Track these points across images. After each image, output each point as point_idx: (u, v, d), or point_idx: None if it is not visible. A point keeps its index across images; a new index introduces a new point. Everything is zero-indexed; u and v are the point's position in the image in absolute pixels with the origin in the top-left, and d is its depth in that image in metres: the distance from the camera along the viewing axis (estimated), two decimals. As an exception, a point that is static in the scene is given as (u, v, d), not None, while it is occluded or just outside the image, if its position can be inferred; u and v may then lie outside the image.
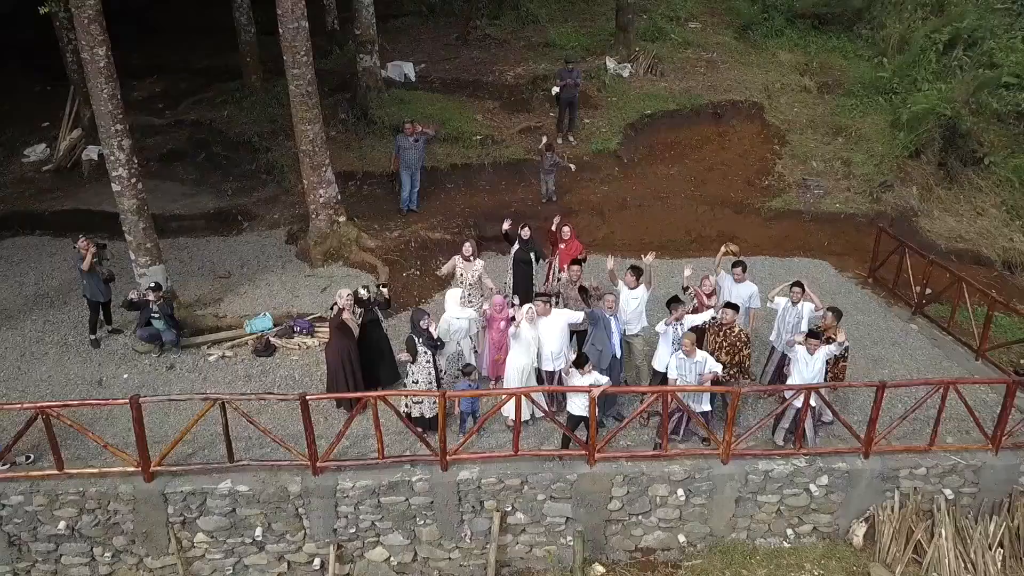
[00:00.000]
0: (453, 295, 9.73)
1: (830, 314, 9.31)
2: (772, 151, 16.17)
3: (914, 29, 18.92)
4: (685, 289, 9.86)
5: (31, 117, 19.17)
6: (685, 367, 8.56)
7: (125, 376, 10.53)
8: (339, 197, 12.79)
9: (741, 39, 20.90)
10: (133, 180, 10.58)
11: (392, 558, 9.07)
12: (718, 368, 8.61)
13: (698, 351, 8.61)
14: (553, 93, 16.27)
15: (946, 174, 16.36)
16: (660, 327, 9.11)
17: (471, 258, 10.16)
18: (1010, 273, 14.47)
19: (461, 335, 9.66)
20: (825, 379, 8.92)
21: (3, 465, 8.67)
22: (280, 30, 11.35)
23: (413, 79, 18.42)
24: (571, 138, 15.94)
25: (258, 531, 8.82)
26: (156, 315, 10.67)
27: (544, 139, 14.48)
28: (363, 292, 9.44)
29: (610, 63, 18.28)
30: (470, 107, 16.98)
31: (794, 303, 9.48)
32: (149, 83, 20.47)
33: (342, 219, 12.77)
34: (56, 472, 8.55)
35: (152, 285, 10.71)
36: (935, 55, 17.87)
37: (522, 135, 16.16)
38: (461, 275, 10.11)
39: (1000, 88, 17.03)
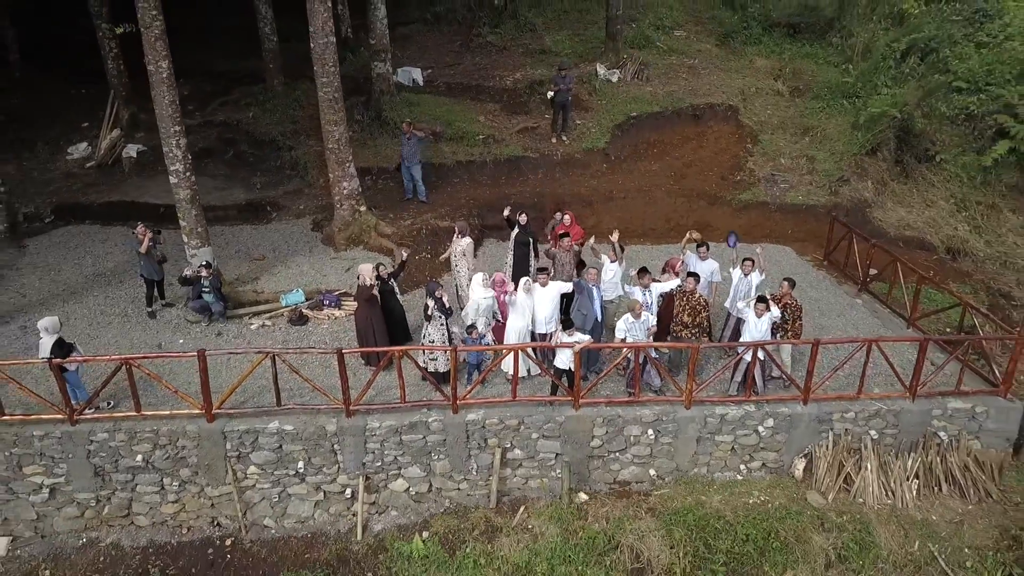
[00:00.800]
0: (478, 279, 11.38)
1: (786, 283, 11.14)
2: (745, 149, 17.99)
3: (877, 38, 20.75)
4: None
5: (71, 118, 20.99)
6: (635, 328, 10.39)
7: (180, 341, 12.34)
8: (360, 190, 14.59)
9: (722, 46, 22.72)
10: (187, 174, 12.41)
11: (411, 488, 10.89)
12: (653, 320, 10.50)
13: (643, 313, 10.45)
14: (548, 97, 18.08)
15: (902, 170, 18.18)
16: (635, 291, 10.94)
17: (460, 236, 12.06)
18: (952, 257, 16.28)
19: (488, 312, 11.35)
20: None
21: (90, 409, 10.48)
22: (311, 44, 13.15)
23: (421, 83, 20.22)
24: (564, 137, 17.78)
25: (300, 464, 10.64)
26: (206, 289, 12.50)
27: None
28: (381, 269, 11.28)
29: (600, 69, 20.10)
30: (473, 109, 18.82)
31: (745, 275, 11.30)
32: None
33: (363, 209, 14.59)
34: (135, 414, 10.36)
35: (204, 263, 12.54)
36: (894, 62, 19.70)
37: (520, 135, 18.01)
38: (451, 248, 12.02)
39: (952, 92, 18.89)
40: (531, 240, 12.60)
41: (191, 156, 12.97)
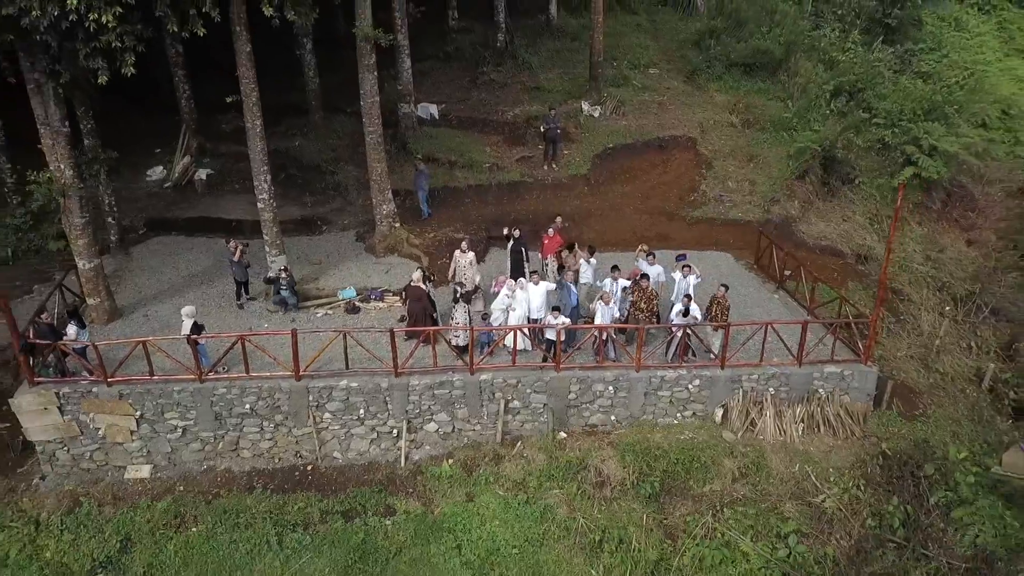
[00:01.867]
0: (510, 283, 15.46)
1: (722, 288, 15.36)
2: (700, 174, 22.24)
3: (812, 79, 25.04)
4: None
5: (147, 145, 25.20)
6: (606, 311, 14.69)
7: (265, 325, 16.55)
8: (395, 210, 18.87)
9: (689, 82, 26.99)
10: (271, 201, 16.68)
11: (439, 429, 15.16)
12: (617, 312, 14.79)
13: (611, 300, 14.75)
14: (541, 131, 22.36)
15: (828, 190, 22.47)
16: (606, 283, 15.22)
17: (466, 250, 16.26)
18: (862, 263, 20.55)
19: (506, 305, 15.48)
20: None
21: (212, 372, 14.74)
22: (361, 102, 17.42)
23: (437, 117, 24.48)
24: (554, 165, 22.05)
25: (361, 411, 14.90)
26: (284, 287, 16.76)
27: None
28: (422, 272, 15.57)
29: (585, 106, 24.37)
30: (480, 141, 23.10)
31: (684, 276, 15.59)
32: (232, 117, 26.46)
33: (397, 225, 18.86)
34: (245, 375, 14.63)
35: (282, 267, 16.80)
36: (824, 101, 23.98)
37: (518, 163, 22.30)
38: (458, 262, 16.17)
39: (872, 126, 23.18)
40: (523, 249, 16.83)
41: (249, 179, 17.22)
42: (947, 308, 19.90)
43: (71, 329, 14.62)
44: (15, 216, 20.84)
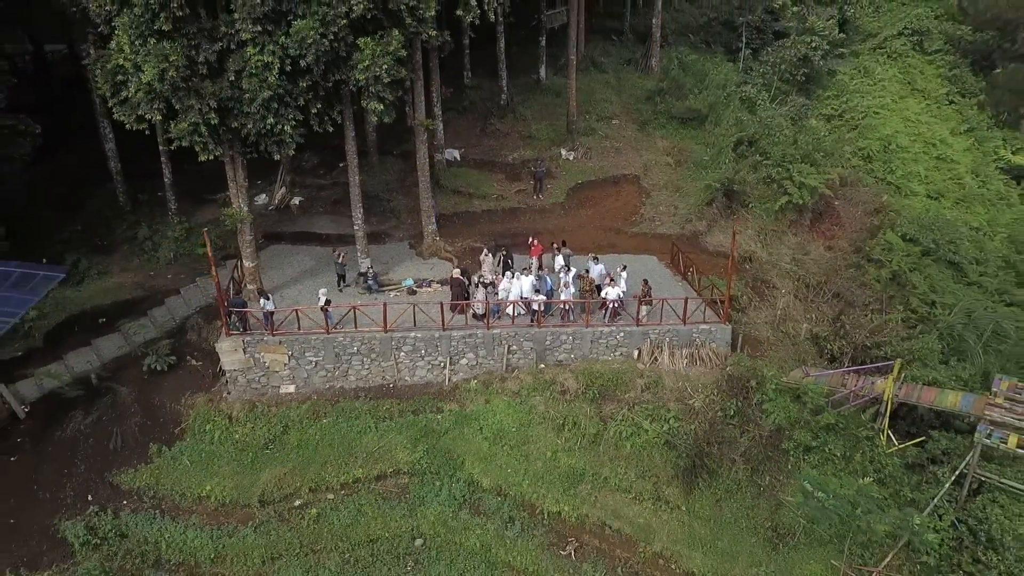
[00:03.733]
0: (508, 275, 25.68)
1: (645, 284, 25.43)
2: (640, 201, 32.35)
3: (724, 131, 35.17)
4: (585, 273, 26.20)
5: (252, 179, 35.17)
6: (566, 293, 24.85)
7: (359, 302, 26.65)
8: (436, 227, 28.98)
9: (640, 131, 37.06)
10: (362, 223, 26.74)
11: (468, 363, 25.30)
12: (574, 290, 24.95)
13: (570, 284, 24.91)
14: (531, 171, 32.46)
15: (731, 212, 32.60)
16: (569, 276, 25.34)
17: (487, 255, 26.40)
18: (746, 263, 30.61)
19: (518, 289, 25.62)
20: (638, 302, 25.24)
21: (335, 328, 24.83)
22: (416, 161, 27.46)
23: (458, 159, 34.55)
24: (540, 196, 32.12)
25: (422, 351, 25.04)
26: (370, 278, 26.86)
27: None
28: (460, 269, 25.72)
29: (563, 152, 34.48)
30: (489, 178, 33.21)
31: (615, 276, 25.72)
32: (309, 156, 36.51)
33: (437, 237, 28.97)
34: (354, 330, 24.75)
35: (369, 266, 26.91)
36: (731, 148, 34.07)
37: (516, 194, 32.44)
38: (482, 262, 26.33)
39: (763, 166, 33.24)
40: (509, 258, 26.85)
41: (329, 204, 27.23)
42: (802, 293, 30.05)
43: (264, 301, 24.62)
44: (175, 231, 30.96)
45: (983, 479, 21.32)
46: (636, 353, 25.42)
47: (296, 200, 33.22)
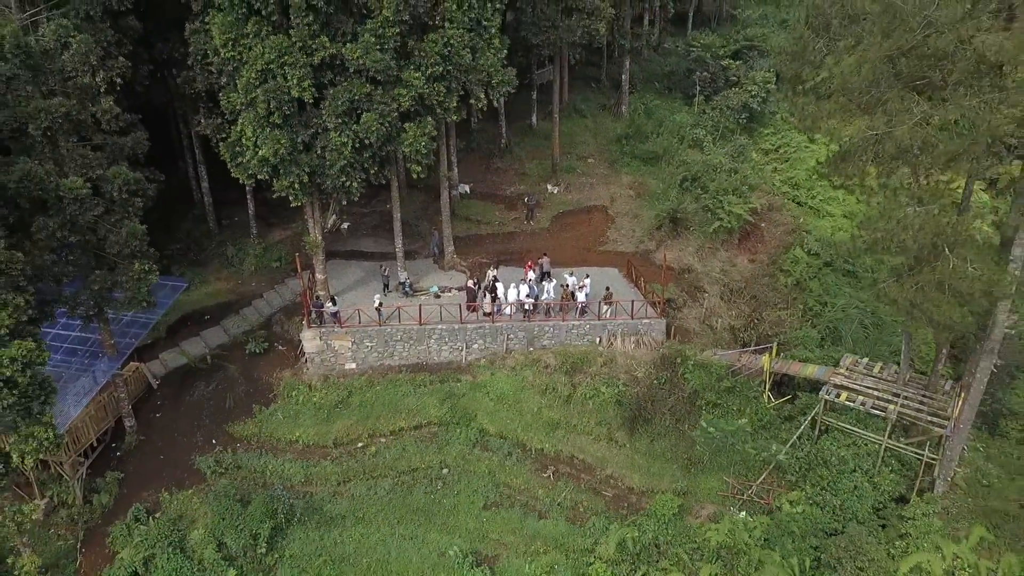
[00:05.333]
0: (514, 286, 35.95)
1: (607, 289, 35.63)
2: (607, 226, 42.53)
3: (675, 168, 45.38)
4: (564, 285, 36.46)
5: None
6: (550, 297, 35.13)
7: (398, 304, 36.80)
8: (454, 248, 39.21)
9: (610, 168, 47.24)
10: (401, 245, 36.95)
11: (479, 347, 35.56)
12: (553, 295, 35.26)
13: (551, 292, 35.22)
14: (525, 202, 42.64)
15: (675, 234, 42.82)
16: (551, 285, 35.60)
17: (493, 269, 36.67)
18: (685, 273, 40.77)
19: (516, 295, 35.86)
20: (599, 303, 35.51)
21: (384, 321, 35.05)
22: (440, 200, 37.62)
23: (469, 193, 44.72)
24: (532, 223, 42.31)
25: (446, 338, 35.28)
26: (407, 287, 37.09)
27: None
28: (472, 279, 35.97)
29: (549, 187, 44.66)
30: (492, 208, 43.40)
31: (586, 276, 35.97)
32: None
33: (455, 255, 39.20)
34: (398, 323, 34.96)
35: (406, 276, 37.15)
36: (678, 183, 44.23)
37: (513, 221, 42.63)
38: (489, 274, 36.59)
39: (702, 198, 43.40)
40: (497, 276, 37.06)
41: (370, 228, 37.39)
42: (726, 295, 40.32)
43: (330, 305, 34.87)
44: (255, 249, 41.16)
45: (829, 424, 31.56)
46: (598, 340, 35.66)
47: (345, 225, 43.39)
